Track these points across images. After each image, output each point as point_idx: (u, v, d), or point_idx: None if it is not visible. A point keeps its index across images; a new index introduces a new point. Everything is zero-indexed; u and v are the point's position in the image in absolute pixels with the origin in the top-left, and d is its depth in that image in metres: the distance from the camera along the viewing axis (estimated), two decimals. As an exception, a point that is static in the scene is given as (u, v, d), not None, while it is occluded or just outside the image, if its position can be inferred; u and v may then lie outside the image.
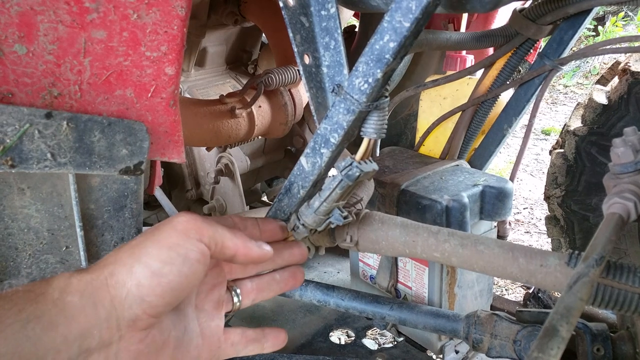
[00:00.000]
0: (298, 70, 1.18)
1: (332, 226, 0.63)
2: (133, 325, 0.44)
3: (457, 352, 1.01)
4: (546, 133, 3.82)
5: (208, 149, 1.39)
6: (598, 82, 1.38)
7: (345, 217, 0.62)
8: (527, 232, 2.44)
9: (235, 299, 0.57)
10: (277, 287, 0.60)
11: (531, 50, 0.96)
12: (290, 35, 0.59)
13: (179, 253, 0.46)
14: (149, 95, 0.58)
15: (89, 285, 0.43)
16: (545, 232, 1.52)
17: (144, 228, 0.73)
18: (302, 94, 1.28)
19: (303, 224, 0.63)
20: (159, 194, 1.28)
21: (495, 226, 1.01)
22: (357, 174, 0.57)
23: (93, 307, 0.42)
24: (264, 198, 1.84)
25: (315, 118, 0.64)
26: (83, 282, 0.43)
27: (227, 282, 0.57)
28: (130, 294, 0.43)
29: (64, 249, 0.61)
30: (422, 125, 1.15)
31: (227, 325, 0.58)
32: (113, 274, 0.44)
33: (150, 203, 1.51)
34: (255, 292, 0.58)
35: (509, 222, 1.04)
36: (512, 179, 1.02)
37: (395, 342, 1.05)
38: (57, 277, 0.43)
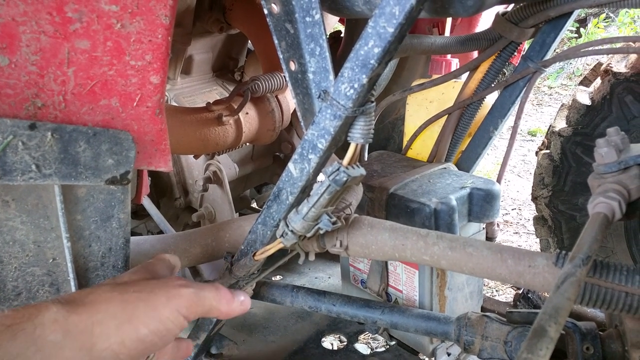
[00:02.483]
0: (284, 77, 1.18)
1: (321, 232, 0.63)
2: None
3: (449, 354, 1.01)
4: (532, 134, 3.87)
5: (196, 157, 1.38)
6: (581, 83, 1.40)
7: (334, 223, 0.62)
8: (516, 232, 2.46)
9: None
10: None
11: (515, 53, 0.98)
12: (276, 42, 0.59)
13: (166, 327, 0.50)
14: (135, 104, 0.58)
15: (74, 327, 0.45)
16: (534, 233, 1.54)
17: (132, 237, 0.73)
18: (289, 100, 1.28)
19: (292, 231, 0.63)
20: (147, 202, 1.27)
21: (483, 228, 1.02)
22: (345, 179, 0.57)
23: (72, 350, 0.44)
24: (254, 204, 1.83)
25: (302, 124, 0.64)
26: (70, 323, 0.45)
27: None
28: (110, 349, 0.47)
29: (51, 260, 0.60)
30: (409, 129, 1.16)
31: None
32: (101, 323, 0.47)
33: (138, 212, 1.50)
34: None
35: (497, 224, 1.05)
36: (499, 180, 1.03)
37: (388, 346, 1.05)
38: (43, 309, 0.45)
